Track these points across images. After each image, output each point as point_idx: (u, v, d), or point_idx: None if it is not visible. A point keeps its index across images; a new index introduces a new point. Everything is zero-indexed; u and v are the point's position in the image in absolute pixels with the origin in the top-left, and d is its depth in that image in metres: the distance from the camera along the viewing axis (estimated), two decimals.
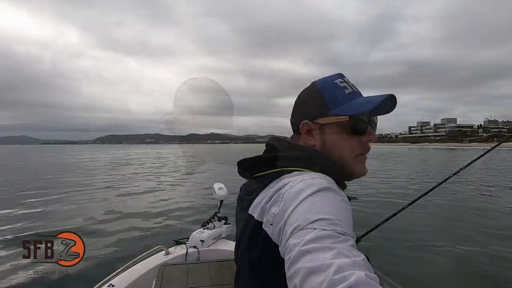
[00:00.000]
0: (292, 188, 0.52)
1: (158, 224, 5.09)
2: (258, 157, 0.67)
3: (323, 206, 0.47)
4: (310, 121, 0.66)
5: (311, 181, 0.52)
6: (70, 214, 5.88)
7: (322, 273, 0.36)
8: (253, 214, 0.59)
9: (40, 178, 12.63)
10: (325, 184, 0.51)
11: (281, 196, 0.53)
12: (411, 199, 1.38)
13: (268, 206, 0.55)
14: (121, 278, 1.71)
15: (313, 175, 0.55)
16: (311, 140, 0.66)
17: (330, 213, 0.45)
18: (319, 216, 0.44)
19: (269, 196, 0.56)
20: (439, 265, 3.61)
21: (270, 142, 0.70)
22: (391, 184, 10.66)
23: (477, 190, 9.05)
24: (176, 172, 13.85)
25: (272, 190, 0.57)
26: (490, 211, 6.31)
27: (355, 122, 0.63)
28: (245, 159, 0.68)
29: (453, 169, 1.40)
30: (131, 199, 7.43)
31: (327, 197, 0.49)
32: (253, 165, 0.66)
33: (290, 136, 0.73)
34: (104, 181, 11.21)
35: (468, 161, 1.40)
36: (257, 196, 0.60)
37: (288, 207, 0.49)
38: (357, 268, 0.36)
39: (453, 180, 1.45)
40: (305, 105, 0.68)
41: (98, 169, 14.79)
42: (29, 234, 4.45)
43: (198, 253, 2.05)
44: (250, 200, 0.62)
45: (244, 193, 0.68)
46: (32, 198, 7.83)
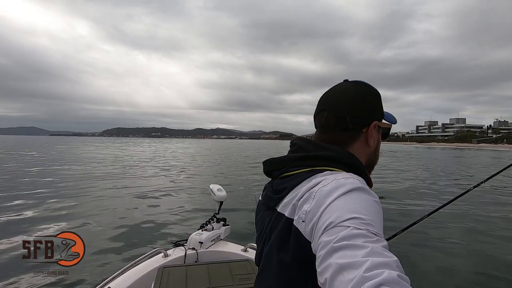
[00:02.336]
0: (325, 187, 0.52)
1: (156, 226, 5.06)
2: (287, 156, 0.68)
3: (357, 205, 0.47)
4: (378, 122, 0.69)
5: (344, 180, 0.53)
6: (68, 214, 5.90)
7: (354, 270, 0.36)
8: (283, 212, 0.60)
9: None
10: (358, 184, 0.52)
11: (314, 193, 0.53)
12: (428, 208, 1.35)
13: (300, 203, 0.55)
14: (119, 280, 1.71)
15: (346, 175, 0.55)
16: (372, 140, 0.68)
17: (363, 213, 0.46)
18: (352, 215, 0.45)
19: (301, 194, 0.56)
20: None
21: (296, 142, 0.70)
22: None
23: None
24: (178, 172, 13.83)
25: (304, 188, 0.57)
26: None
27: (390, 130, 0.74)
28: (272, 159, 0.69)
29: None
30: (130, 199, 7.44)
31: (360, 197, 0.50)
32: (280, 165, 0.67)
33: (328, 133, 0.68)
34: (108, 178, 11.28)
35: (490, 174, 1.38)
36: (287, 194, 0.61)
37: (321, 205, 0.50)
38: (389, 268, 0.36)
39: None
40: (372, 105, 0.69)
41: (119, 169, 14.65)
42: (29, 234, 4.47)
43: (196, 255, 2.05)
44: (279, 199, 0.63)
45: (271, 192, 0.67)
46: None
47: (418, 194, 8.71)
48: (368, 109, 0.68)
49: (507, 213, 6.39)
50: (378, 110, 0.70)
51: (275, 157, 0.69)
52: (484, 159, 26.67)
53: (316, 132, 0.72)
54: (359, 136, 0.67)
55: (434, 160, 24.25)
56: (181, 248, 2.11)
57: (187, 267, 1.75)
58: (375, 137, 0.68)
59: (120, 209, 6.26)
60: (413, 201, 7.67)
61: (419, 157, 29.02)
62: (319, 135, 0.70)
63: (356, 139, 0.67)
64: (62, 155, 24.44)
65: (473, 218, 5.79)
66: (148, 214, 5.84)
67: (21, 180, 10.00)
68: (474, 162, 23.21)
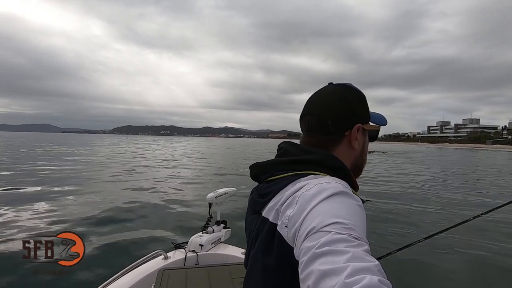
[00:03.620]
0: (308, 191, 0.52)
1: (157, 227, 5.04)
2: (272, 160, 0.68)
3: (339, 210, 0.47)
4: (362, 125, 0.68)
5: (326, 185, 0.53)
6: (65, 213, 5.92)
7: (335, 276, 0.36)
8: (267, 216, 0.61)
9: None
10: (341, 188, 0.52)
11: (297, 198, 0.53)
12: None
13: (283, 208, 0.55)
14: (119, 282, 1.70)
15: (328, 179, 0.55)
16: (356, 143, 0.67)
17: (345, 217, 0.46)
18: (334, 219, 0.45)
19: (284, 199, 0.56)
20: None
21: (282, 146, 0.71)
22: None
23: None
24: (183, 170, 13.85)
25: (288, 192, 0.57)
26: None
27: (378, 132, 0.74)
28: (258, 163, 0.70)
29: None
30: (131, 198, 7.44)
31: (342, 201, 0.50)
32: (266, 169, 0.67)
33: (312, 136, 0.68)
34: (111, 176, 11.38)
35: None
36: (272, 198, 0.61)
37: (303, 210, 0.50)
38: (370, 273, 0.36)
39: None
40: (356, 108, 0.68)
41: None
42: (29, 234, 4.50)
43: (197, 258, 2.03)
44: (264, 203, 0.63)
45: (257, 196, 0.68)
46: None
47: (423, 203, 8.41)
48: (350, 112, 0.67)
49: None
50: (361, 112, 0.69)
51: (262, 161, 0.69)
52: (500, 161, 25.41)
53: (302, 135, 0.72)
54: (342, 139, 0.67)
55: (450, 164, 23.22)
56: (181, 251, 2.10)
57: (187, 270, 1.74)
58: (359, 140, 0.68)
59: (121, 208, 6.28)
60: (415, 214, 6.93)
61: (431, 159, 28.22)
62: (304, 138, 0.71)
63: (340, 142, 0.67)
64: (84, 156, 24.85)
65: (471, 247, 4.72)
66: (149, 215, 5.84)
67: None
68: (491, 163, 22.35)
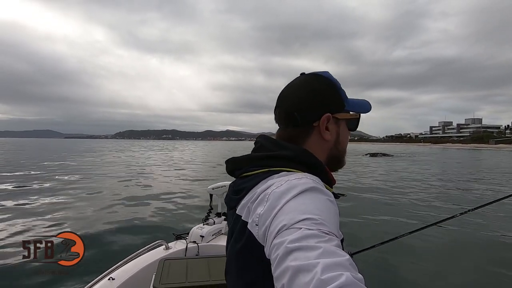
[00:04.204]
0: (278, 188, 0.52)
1: (158, 218, 5.13)
2: (247, 156, 0.67)
3: (309, 206, 0.47)
4: (331, 115, 0.65)
5: (296, 181, 0.52)
6: (69, 207, 5.98)
7: (308, 272, 0.36)
8: (240, 214, 0.60)
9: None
10: (311, 184, 0.51)
11: (267, 196, 0.52)
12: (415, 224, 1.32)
13: (254, 206, 0.55)
14: (121, 271, 1.73)
15: (299, 175, 0.55)
16: (327, 134, 0.65)
17: (315, 213, 0.45)
18: (304, 215, 0.44)
19: (256, 197, 0.56)
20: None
21: (258, 140, 0.69)
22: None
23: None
24: (181, 167, 13.88)
25: (258, 190, 0.56)
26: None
27: (358, 120, 0.71)
28: (233, 158, 0.68)
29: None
30: (133, 191, 7.51)
31: (312, 197, 0.49)
32: (241, 164, 0.66)
33: (283, 130, 0.68)
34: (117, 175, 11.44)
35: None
36: (245, 196, 0.60)
37: (273, 207, 0.49)
38: (342, 268, 0.36)
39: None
40: (323, 98, 0.66)
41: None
42: (29, 233, 4.54)
43: (197, 249, 2.07)
44: (237, 200, 0.62)
45: (232, 192, 0.67)
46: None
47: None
48: (316, 102, 0.65)
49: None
50: (330, 102, 0.66)
51: (237, 156, 0.68)
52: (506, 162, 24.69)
53: (277, 129, 0.71)
54: (311, 131, 0.65)
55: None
56: (182, 241, 2.14)
57: (188, 260, 1.75)
58: (332, 130, 0.66)
59: (123, 200, 6.34)
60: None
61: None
62: (278, 132, 0.70)
63: (309, 134, 0.65)
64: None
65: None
66: (150, 206, 5.91)
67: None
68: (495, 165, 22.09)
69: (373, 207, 6.74)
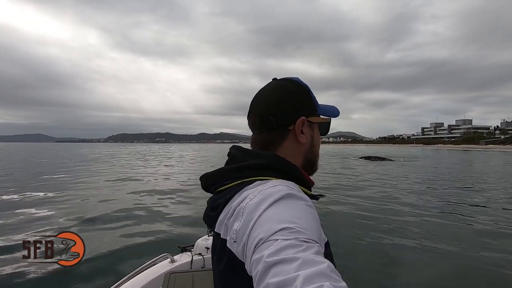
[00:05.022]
0: (252, 200, 0.50)
1: (163, 230, 5.03)
2: (219, 170, 0.65)
3: (284, 214, 0.46)
4: (306, 118, 0.65)
5: (270, 189, 0.51)
6: (69, 212, 5.91)
7: (289, 287, 0.34)
8: (219, 231, 0.58)
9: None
10: (286, 191, 0.50)
11: (242, 210, 0.51)
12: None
13: (231, 222, 0.53)
14: (126, 286, 1.71)
15: (273, 183, 0.53)
16: (302, 137, 0.65)
17: (292, 221, 0.44)
18: (280, 225, 0.43)
19: (231, 212, 0.54)
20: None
21: (230, 152, 0.69)
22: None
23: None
24: (184, 174, 13.85)
25: (233, 204, 0.55)
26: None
27: (329, 124, 0.72)
28: (206, 174, 0.67)
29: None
30: (137, 202, 7.43)
31: (288, 204, 0.48)
32: (214, 179, 0.64)
33: (257, 135, 0.67)
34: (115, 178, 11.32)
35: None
36: (222, 211, 0.59)
37: (249, 221, 0.48)
38: (323, 277, 0.35)
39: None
40: (298, 101, 0.66)
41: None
42: (29, 234, 4.49)
43: (203, 261, 2.04)
44: (214, 217, 0.61)
45: (209, 209, 0.64)
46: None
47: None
48: (291, 106, 0.65)
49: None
50: (305, 105, 0.67)
51: (210, 171, 0.66)
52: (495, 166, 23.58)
53: (251, 135, 0.71)
54: (287, 134, 0.65)
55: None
56: (187, 254, 2.11)
57: (194, 273, 1.74)
58: (306, 133, 0.66)
59: (127, 212, 6.26)
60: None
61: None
62: (253, 137, 0.69)
63: (285, 138, 0.65)
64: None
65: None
66: (155, 219, 5.83)
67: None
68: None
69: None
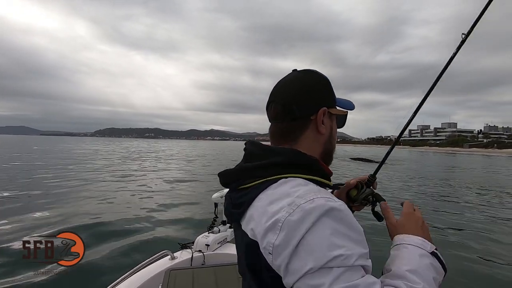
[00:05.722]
0: (291, 216, 0.49)
1: (163, 228, 5.00)
2: (240, 167, 0.65)
3: (331, 238, 0.47)
4: (327, 109, 0.66)
5: (309, 205, 0.50)
6: (69, 213, 5.82)
7: None
8: (246, 231, 0.59)
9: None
10: (325, 206, 0.49)
11: (280, 224, 0.50)
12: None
13: (264, 232, 0.52)
14: (127, 283, 1.71)
15: (308, 195, 0.52)
16: (323, 128, 0.66)
17: (339, 244, 0.46)
18: (330, 253, 0.45)
19: (265, 220, 0.53)
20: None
21: (247, 147, 0.68)
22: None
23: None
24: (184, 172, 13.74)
25: (260, 205, 0.56)
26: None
27: (345, 117, 0.73)
28: (226, 171, 0.67)
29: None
30: (136, 199, 7.36)
31: (330, 223, 0.48)
32: (234, 177, 0.64)
33: (277, 125, 0.67)
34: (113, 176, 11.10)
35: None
36: (247, 210, 0.59)
37: (289, 240, 0.48)
38: None
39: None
40: (320, 92, 0.67)
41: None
42: (29, 234, 4.41)
43: (203, 258, 2.05)
44: (239, 214, 0.61)
45: (231, 206, 0.65)
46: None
47: None
48: (314, 96, 0.65)
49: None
50: (326, 96, 0.68)
51: (230, 168, 0.67)
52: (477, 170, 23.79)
53: (270, 126, 0.70)
54: (308, 124, 0.65)
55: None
56: (188, 251, 2.12)
57: (194, 270, 1.75)
58: (326, 124, 0.66)
59: (127, 210, 6.19)
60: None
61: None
62: (272, 128, 0.69)
63: (306, 127, 0.65)
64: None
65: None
66: (155, 215, 5.78)
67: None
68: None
69: None
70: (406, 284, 0.50)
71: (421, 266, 0.55)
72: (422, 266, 0.55)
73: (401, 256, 0.57)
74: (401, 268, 0.54)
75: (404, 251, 0.58)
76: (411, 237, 0.61)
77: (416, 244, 0.59)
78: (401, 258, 0.56)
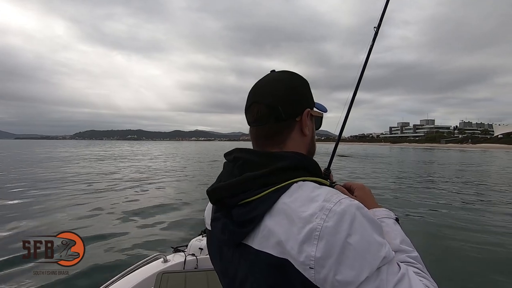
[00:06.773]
0: (326, 222, 0.47)
1: (156, 231, 4.96)
2: (239, 179, 0.57)
3: (373, 237, 0.47)
4: (310, 110, 0.66)
5: (340, 208, 0.48)
6: (63, 217, 5.67)
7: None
8: (264, 250, 0.51)
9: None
10: (353, 206, 0.48)
11: (317, 233, 0.47)
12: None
13: (299, 244, 0.47)
14: (118, 285, 1.70)
15: (332, 197, 0.50)
16: (307, 129, 0.65)
17: (381, 241, 0.48)
18: (379, 254, 0.46)
19: (296, 231, 0.48)
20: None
21: (239, 156, 0.62)
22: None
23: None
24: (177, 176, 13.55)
25: (288, 219, 0.50)
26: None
27: (322, 119, 0.74)
28: (220, 185, 0.59)
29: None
30: (129, 203, 7.21)
31: (365, 222, 0.48)
32: (235, 190, 0.57)
33: (261, 127, 0.63)
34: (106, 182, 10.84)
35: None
36: (259, 226, 0.53)
37: (333, 248, 0.45)
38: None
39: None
40: (302, 93, 0.66)
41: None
42: (29, 234, 4.29)
43: (196, 261, 2.03)
44: (246, 233, 0.54)
45: (234, 226, 0.56)
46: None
47: None
48: (299, 98, 0.65)
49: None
50: (308, 98, 0.68)
51: (222, 182, 0.60)
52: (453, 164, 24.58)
53: (250, 129, 0.67)
54: (293, 126, 0.64)
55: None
56: (181, 254, 2.10)
57: (187, 274, 1.74)
58: (309, 125, 0.66)
59: (120, 213, 6.07)
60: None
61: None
62: (254, 130, 0.65)
63: (291, 129, 0.64)
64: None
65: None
66: (148, 219, 5.70)
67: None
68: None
69: None
70: (409, 256, 0.56)
71: (401, 233, 0.60)
72: (402, 234, 0.60)
73: (385, 231, 0.57)
74: (394, 242, 0.57)
75: (383, 225, 0.58)
76: (379, 211, 0.66)
77: (388, 216, 0.64)
78: (387, 233, 0.58)
